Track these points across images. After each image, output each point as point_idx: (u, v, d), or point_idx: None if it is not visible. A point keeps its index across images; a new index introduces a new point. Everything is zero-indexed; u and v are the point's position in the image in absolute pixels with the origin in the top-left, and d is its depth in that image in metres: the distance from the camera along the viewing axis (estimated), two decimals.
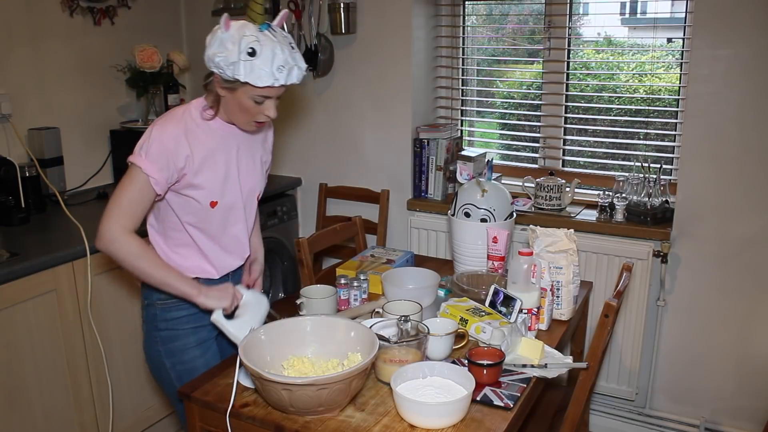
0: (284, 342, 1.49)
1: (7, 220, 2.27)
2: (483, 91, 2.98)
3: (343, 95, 2.93)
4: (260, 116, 1.47)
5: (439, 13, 2.88)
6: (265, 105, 1.46)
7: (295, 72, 1.42)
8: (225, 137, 1.56)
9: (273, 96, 1.45)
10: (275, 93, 1.45)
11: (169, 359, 1.65)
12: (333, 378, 1.28)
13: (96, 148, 2.85)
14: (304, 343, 1.52)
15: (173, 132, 1.46)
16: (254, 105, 1.45)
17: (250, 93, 1.43)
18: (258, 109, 1.46)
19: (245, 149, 1.61)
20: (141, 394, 2.42)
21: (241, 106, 1.46)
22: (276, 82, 1.40)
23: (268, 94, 1.43)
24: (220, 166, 1.54)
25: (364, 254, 2.24)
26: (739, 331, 2.35)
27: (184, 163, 1.47)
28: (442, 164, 2.78)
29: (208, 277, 1.64)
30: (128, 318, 2.33)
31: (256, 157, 1.67)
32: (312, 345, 1.52)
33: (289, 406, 1.30)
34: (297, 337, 1.52)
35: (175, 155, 1.45)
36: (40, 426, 2.05)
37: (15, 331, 1.95)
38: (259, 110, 1.46)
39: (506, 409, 1.38)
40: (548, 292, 1.75)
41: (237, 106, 1.47)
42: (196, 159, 1.49)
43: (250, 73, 1.37)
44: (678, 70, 2.51)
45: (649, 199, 2.41)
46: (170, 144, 1.44)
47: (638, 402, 2.59)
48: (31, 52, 2.54)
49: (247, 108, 1.46)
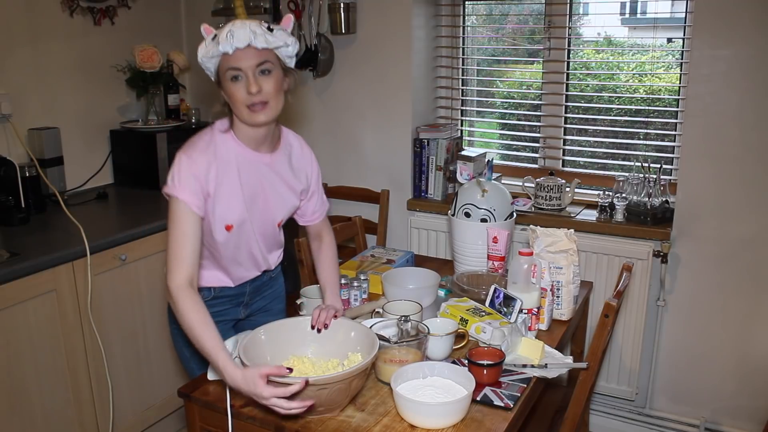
0: (284, 342, 1.49)
1: (7, 220, 2.27)
2: (483, 91, 2.98)
3: (343, 95, 2.93)
4: (247, 97, 1.42)
5: (439, 13, 2.88)
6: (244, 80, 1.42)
7: (246, 33, 1.38)
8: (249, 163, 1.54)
9: (244, 67, 1.40)
10: (244, 63, 1.40)
11: (188, 349, 1.64)
12: (333, 378, 1.28)
13: (96, 148, 2.85)
14: (304, 343, 1.52)
15: (200, 157, 1.46)
16: (237, 86, 1.42)
17: (226, 74, 1.42)
18: (242, 90, 1.42)
19: (269, 176, 1.58)
20: (141, 394, 2.42)
21: (231, 95, 1.44)
22: (231, 44, 1.37)
23: (236, 63, 1.40)
24: (240, 191, 1.52)
25: (364, 254, 2.25)
26: (739, 331, 2.35)
27: (210, 186, 1.47)
28: (442, 164, 2.78)
29: (223, 285, 1.66)
30: (128, 318, 2.33)
31: (282, 186, 1.62)
32: (312, 345, 1.52)
33: None
34: (297, 336, 1.52)
35: (204, 179, 1.46)
36: (40, 426, 2.05)
37: (15, 331, 1.95)
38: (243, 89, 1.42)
39: (506, 409, 1.38)
40: (548, 292, 1.75)
41: (230, 98, 1.45)
42: (220, 183, 1.48)
43: (213, 48, 1.40)
44: (678, 70, 2.51)
45: (649, 199, 2.41)
46: (198, 169, 1.45)
47: (638, 402, 2.59)
48: (32, 52, 2.54)
49: (234, 93, 1.43)
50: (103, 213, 2.51)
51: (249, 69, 1.41)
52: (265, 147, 1.56)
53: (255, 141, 1.53)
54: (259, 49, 1.40)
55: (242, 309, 1.76)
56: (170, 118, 2.98)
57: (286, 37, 1.45)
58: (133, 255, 2.29)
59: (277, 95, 1.45)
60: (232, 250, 1.60)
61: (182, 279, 1.39)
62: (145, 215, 2.43)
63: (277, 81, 1.45)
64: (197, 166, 1.45)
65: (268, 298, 1.83)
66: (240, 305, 1.75)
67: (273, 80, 1.44)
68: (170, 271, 1.41)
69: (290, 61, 1.50)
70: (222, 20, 3.04)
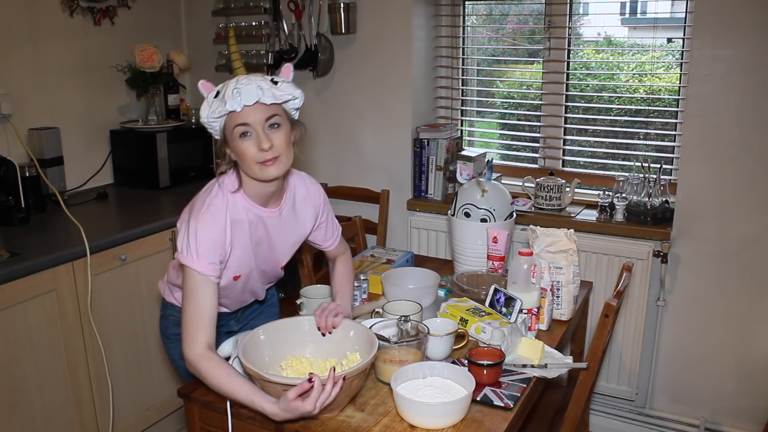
0: (283, 342, 1.49)
1: (7, 220, 2.27)
2: (483, 91, 2.98)
3: (343, 95, 2.93)
4: (259, 154, 1.37)
5: (439, 13, 2.88)
6: (255, 137, 1.38)
7: (254, 89, 1.34)
8: (259, 219, 1.51)
9: (253, 122, 1.37)
10: (252, 118, 1.36)
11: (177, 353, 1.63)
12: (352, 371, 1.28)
13: (96, 148, 2.85)
14: (302, 343, 1.52)
15: (216, 225, 1.41)
16: (247, 143, 1.38)
17: (234, 131, 1.38)
18: (252, 146, 1.38)
19: (276, 226, 1.56)
20: (141, 394, 2.42)
21: (240, 152, 1.39)
22: (239, 102, 1.34)
23: (245, 119, 1.36)
24: (251, 247, 1.51)
25: (364, 254, 2.25)
26: (739, 331, 2.35)
27: (227, 249, 1.44)
28: (442, 164, 2.78)
29: (221, 311, 1.64)
30: (128, 318, 2.33)
31: (288, 232, 1.60)
32: (310, 345, 1.52)
33: None
34: (295, 336, 1.52)
35: (222, 245, 1.42)
36: (40, 426, 2.05)
37: (15, 331, 1.95)
38: (254, 146, 1.38)
39: (506, 409, 1.38)
40: (548, 292, 1.75)
41: (240, 155, 1.40)
42: (234, 243, 1.46)
43: (220, 107, 1.36)
44: (678, 70, 2.51)
45: (649, 199, 2.40)
46: (217, 237, 1.41)
47: (638, 402, 2.59)
48: (31, 52, 2.54)
49: (244, 151, 1.38)
50: (103, 213, 2.51)
51: (258, 124, 1.37)
52: (274, 200, 1.53)
53: (264, 197, 1.49)
54: (267, 105, 1.36)
55: (234, 323, 1.80)
56: (170, 118, 2.98)
57: (293, 90, 1.42)
58: (133, 255, 2.29)
59: (287, 149, 1.41)
60: (236, 292, 1.63)
61: (201, 347, 1.36)
62: (145, 215, 2.43)
63: (286, 134, 1.41)
64: (215, 235, 1.40)
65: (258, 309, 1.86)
66: (232, 320, 1.79)
67: (283, 134, 1.40)
68: (188, 341, 1.37)
69: (296, 113, 1.48)
70: (222, 20, 3.05)
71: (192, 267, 1.37)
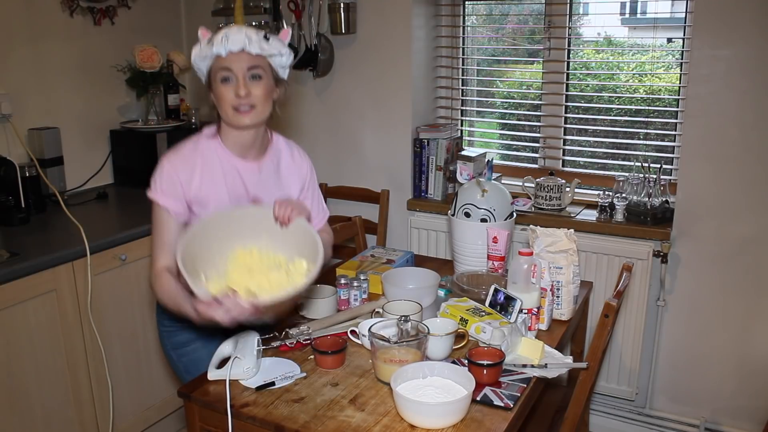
0: (236, 229, 1.47)
1: (7, 220, 2.27)
2: (483, 91, 2.98)
3: (343, 95, 2.93)
4: (235, 99, 1.44)
5: (439, 13, 2.88)
6: (234, 83, 1.44)
7: (241, 37, 1.41)
8: (234, 170, 1.54)
9: (235, 70, 1.43)
10: (236, 65, 1.43)
11: (174, 352, 1.70)
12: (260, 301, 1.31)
13: (96, 148, 2.85)
14: (255, 234, 1.49)
15: (182, 164, 1.50)
16: (226, 87, 1.44)
17: (217, 75, 1.45)
18: (231, 91, 1.44)
19: (256, 184, 1.58)
20: (141, 394, 2.42)
21: (219, 96, 1.46)
22: (225, 47, 1.41)
23: (228, 65, 1.43)
24: (227, 198, 1.54)
25: (364, 254, 2.24)
26: (739, 331, 2.35)
27: (193, 192, 1.50)
28: (442, 164, 2.78)
29: None
30: (128, 318, 2.33)
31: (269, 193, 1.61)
32: (264, 236, 1.49)
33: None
34: (250, 224, 1.49)
35: (186, 185, 1.49)
36: (40, 426, 2.05)
37: (15, 331, 1.95)
38: (232, 91, 1.44)
39: (506, 409, 1.38)
40: (548, 292, 1.74)
41: (217, 99, 1.47)
42: (204, 189, 1.51)
43: (208, 49, 1.44)
44: (678, 70, 2.51)
45: (649, 199, 2.41)
46: (180, 175, 1.49)
47: (638, 402, 2.59)
48: (31, 52, 2.54)
49: (222, 94, 1.45)
50: (103, 213, 2.51)
51: (240, 72, 1.43)
52: (252, 154, 1.57)
53: (241, 147, 1.54)
54: (252, 55, 1.43)
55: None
56: (170, 118, 2.98)
57: (281, 47, 1.47)
58: (133, 255, 2.29)
59: (265, 101, 1.47)
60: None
61: (159, 268, 1.49)
62: (145, 215, 2.37)
63: (266, 87, 1.47)
64: (178, 173, 1.48)
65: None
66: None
67: (262, 86, 1.46)
68: (152, 262, 1.53)
69: (283, 72, 1.52)
70: (222, 20, 3.05)
71: (155, 199, 1.49)
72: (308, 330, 1.68)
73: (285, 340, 1.63)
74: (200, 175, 1.50)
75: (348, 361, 1.58)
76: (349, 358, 1.59)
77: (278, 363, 1.56)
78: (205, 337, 1.71)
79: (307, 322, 1.76)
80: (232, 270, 1.45)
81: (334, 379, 1.50)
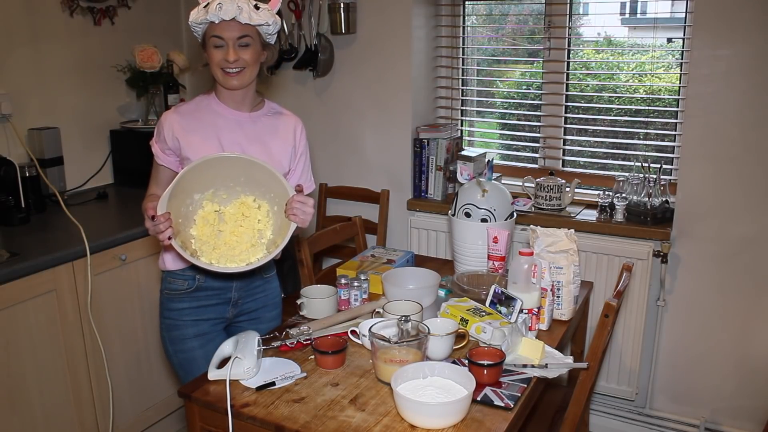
0: (218, 174, 1.56)
1: (7, 220, 2.27)
2: (483, 91, 2.98)
3: (343, 95, 2.93)
4: (223, 62, 1.57)
5: (439, 13, 2.88)
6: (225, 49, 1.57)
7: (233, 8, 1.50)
8: (227, 119, 1.67)
9: (226, 38, 1.56)
10: (227, 34, 1.55)
11: (171, 346, 1.74)
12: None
13: (96, 148, 2.85)
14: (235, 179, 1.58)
15: (173, 116, 1.66)
16: (218, 52, 1.57)
17: (210, 40, 1.57)
18: (221, 56, 1.57)
19: (251, 131, 1.70)
20: (141, 394, 2.42)
21: (211, 58, 1.59)
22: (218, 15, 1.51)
23: (220, 33, 1.55)
24: (219, 147, 1.64)
25: (364, 254, 2.24)
26: (739, 331, 2.35)
27: (180, 139, 1.63)
28: (442, 164, 2.78)
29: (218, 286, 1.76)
30: (128, 318, 2.33)
31: (265, 140, 1.71)
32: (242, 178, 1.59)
33: None
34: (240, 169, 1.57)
35: (171, 136, 1.63)
36: (40, 426, 2.05)
37: (15, 331, 1.95)
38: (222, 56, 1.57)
39: (507, 409, 1.38)
40: (549, 292, 1.75)
41: (209, 60, 1.60)
42: (191, 136, 1.63)
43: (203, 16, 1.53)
44: (678, 70, 2.51)
45: (649, 199, 2.41)
46: (169, 126, 1.64)
47: (638, 402, 2.59)
48: (32, 52, 2.54)
49: (213, 57, 1.58)
50: (103, 213, 2.51)
51: (230, 39, 1.56)
52: (246, 106, 1.70)
53: (233, 100, 1.68)
54: (242, 24, 1.54)
55: (230, 308, 1.77)
56: None
57: (269, 17, 1.58)
58: (133, 255, 2.29)
59: (253, 64, 1.61)
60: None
61: (150, 193, 1.70)
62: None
63: (254, 53, 1.60)
64: (169, 124, 1.64)
65: (260, 302, 1.83)
66: (228, 303, 1.76)
67: (251, 51, 1.59)
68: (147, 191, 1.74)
69: (271, 38, 1.65)
70: None
71: (152, 148, 1.70)
72: (308, 330, 1.68)
73: (285, 340, 1.64)
74: (187, 123, 1.64)
75: (348, 361, 1.58)
76: (350, 358, 1.59)
77: (278, 363, 1.56)
78: (203, 337, 1.72)
79: (308, 322, 1.76)
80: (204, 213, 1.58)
81: (334, 379, 1.50)
